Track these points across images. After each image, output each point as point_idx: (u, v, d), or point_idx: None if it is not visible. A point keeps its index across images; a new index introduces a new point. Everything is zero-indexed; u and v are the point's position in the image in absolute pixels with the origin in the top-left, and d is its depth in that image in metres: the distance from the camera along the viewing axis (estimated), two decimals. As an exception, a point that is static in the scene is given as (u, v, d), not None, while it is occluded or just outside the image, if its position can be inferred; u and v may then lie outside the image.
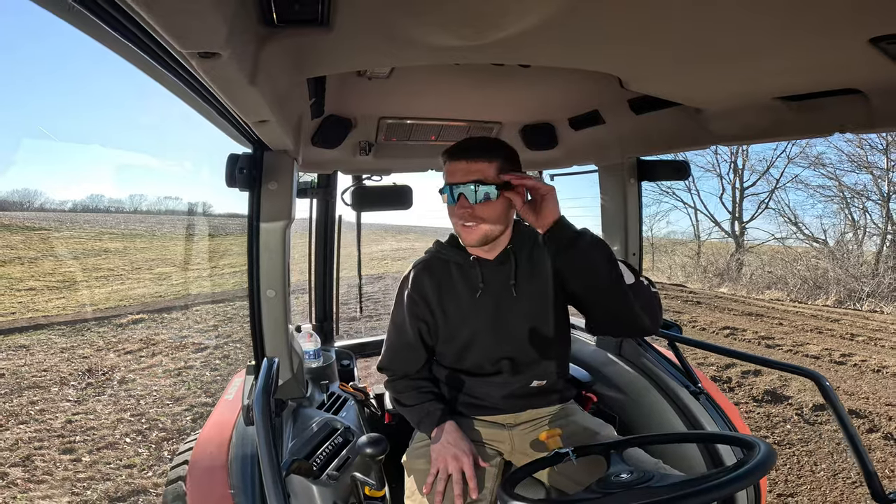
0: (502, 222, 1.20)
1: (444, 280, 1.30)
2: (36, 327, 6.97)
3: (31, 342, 6.27)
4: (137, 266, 13.22)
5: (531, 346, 1.28)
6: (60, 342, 6.28)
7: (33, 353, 5.82)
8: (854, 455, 1.15)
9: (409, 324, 1.31)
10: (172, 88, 0.70)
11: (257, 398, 0.94)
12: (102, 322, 7.23)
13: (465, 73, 1.23)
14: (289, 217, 1.20)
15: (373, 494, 1.21)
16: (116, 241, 17.55)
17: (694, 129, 1.32)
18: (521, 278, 1.27)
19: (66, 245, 15.82)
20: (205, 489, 1.21)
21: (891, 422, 3.60)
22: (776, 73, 0.89)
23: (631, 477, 0.85)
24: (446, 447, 1.17)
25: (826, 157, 14.02)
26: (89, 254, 14.68)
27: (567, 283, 1.18)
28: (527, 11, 0.66)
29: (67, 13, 0.47)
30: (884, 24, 0.63)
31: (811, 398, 3.92)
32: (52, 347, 6.05)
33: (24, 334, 6.64)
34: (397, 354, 1.35)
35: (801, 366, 1.32)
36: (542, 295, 1.27)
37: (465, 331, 1.28)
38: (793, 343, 6.21)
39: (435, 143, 1.78)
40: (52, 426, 3.71)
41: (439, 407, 1.26)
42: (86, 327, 7.00)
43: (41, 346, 6.08)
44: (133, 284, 10.82)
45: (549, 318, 1.27)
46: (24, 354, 5.73)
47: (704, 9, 0.65)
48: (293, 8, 0.62)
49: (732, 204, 16.24)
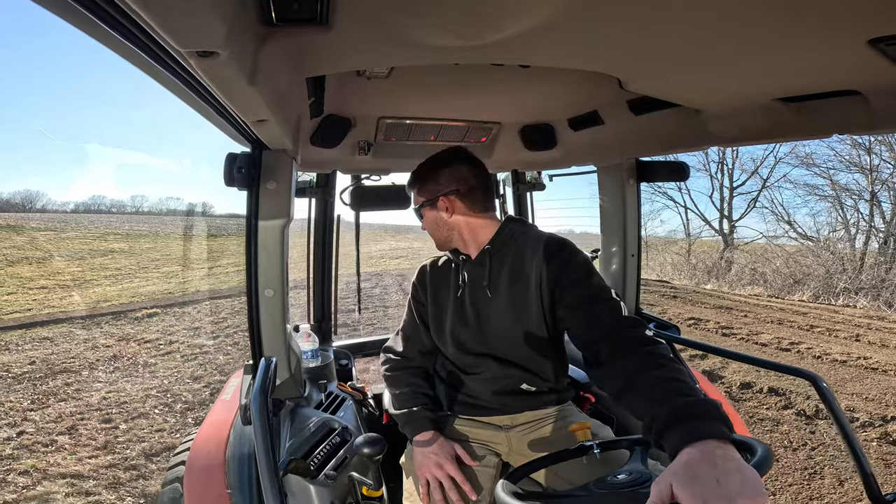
0: (437, 232, 1.35)
1: (440, 275, 1.40)
2: (55, 321, 7.32)
3: (53, 335, 6.59)
4: (144, 266, 13.65)
5: (513, 344, 1.27)
6: (82, 334, 6.67)
7: (58, 343, 6.18)
8: (851, 457, 1.15)
9: (413, 307, 1.44)
10: (171, 87, 0.69)
11: (255, 398, 0.94)
12: (119, 316, 7.70)
13: (465, 73, 1.23)
14: (287, 217, 1.19)
15: (370, 494, 1.21)
16: (121, 241, 18.00)
17: (693, 131, 1.32)
18: (498, 280, 1.27)
19: (73, 246, 16.18)
20: (202, 489, 1.21)
21: (808, 400, 3.98)
22: (775, 75, 0.89)
23: (629, 478, 0.85)
24: (427, 456, 1.21)
25: (816, 156, 14.27)
26: (95, 254, 15.03)
27: (558, 307, 1.21)
28: (526, 12, 0.66)
29: (66, 12, 0.46)
30: (883, 25, 0.63)
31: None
32: (74, 338, 6.43)
33: (45, 328, 6.96)
34: (403, 334, 1.46)
35: (798, 367, 1.32)
36: (523, 298, 1.24)
37: (448, 325, 1.35)
38: (748, 332, 6.57)
39: (434, 144, 1.78)
40: (90, 402, 4.23)
41: (425, 414, 1.29)
42: (103, 321, 7.41)
43: (64, 338, 6.42)
44: (142, 282, 11.20)
45: (531, 321, 1.24)
46: (49, 345, 6.09)
47: (704, 10, 0.64)
48: (292, 7, 0.62)
49: (721, 202, 16.63)
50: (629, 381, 0.97)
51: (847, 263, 12.00)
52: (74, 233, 18.87)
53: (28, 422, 3.83)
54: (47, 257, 13.84)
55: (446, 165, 1.30)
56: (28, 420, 3.86)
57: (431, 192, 1.31)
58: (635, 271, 1.87)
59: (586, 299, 1.15)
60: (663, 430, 0.81)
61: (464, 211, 1.29)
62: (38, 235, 16.90)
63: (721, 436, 0.74)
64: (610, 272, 1.91)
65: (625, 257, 1.85)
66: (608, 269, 1.91)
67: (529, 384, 1.30)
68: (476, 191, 1.29)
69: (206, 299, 9.13)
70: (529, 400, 1.32)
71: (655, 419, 0.84)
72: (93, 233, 19.23)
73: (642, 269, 1.93)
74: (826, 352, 5.63)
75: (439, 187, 1.29)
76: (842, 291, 10.55)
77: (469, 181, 1.28)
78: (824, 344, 6.03)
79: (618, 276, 1.88)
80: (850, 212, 13.71)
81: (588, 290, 1.17)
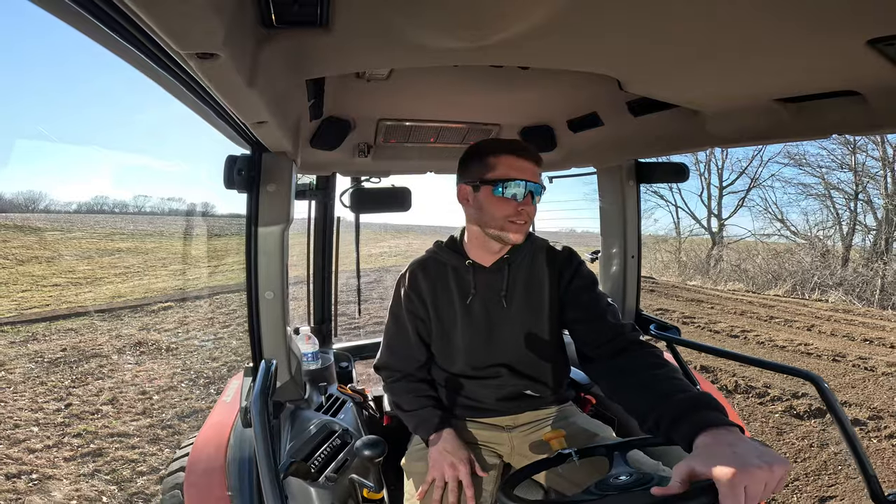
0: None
1: (439, 281, 1.30)
2: (76, 315, 7.77)
3: (77, 326, 7.09)
4: (152, 264, 14.19)
5: (525, 354, 1.28)
6: (104, 325, 7.18)
7: (83, 333, 6.68)
8: (853, 456, 1.15)
9: (407, 320, 1.31)
10: (171, 89, 0.69)
11: (255, 400, 0.94)
12: (136, 310, 8.24)
13: (464, 74, 1.23)
14: (287, 219, 1.19)
15: (371, 497, 1.21)
16: (127, 241, 18.73)
17: (692, 132, 1.32)
18: (515, 289, 1.27)
19: (81, 245, 16.71)
20: (202, 491, 1.21)
21: (733, 377, 4.47)
22: (774, 75, 0.89)
23: (630, 479, 0.85)
24: (444, 455, 1.16)
25: (807, 154, 15.05)
26: (103, 253, 15.58)
27: (567, 310, 1.26)
28: (526, 14, 0.66)
29: (66, 14, 0.46)
30: (882, 25, 0.63)
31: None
32: (98, 329, 6.94)
33: (67, 321, 7.39)
34: (395, 352, 1.35)
35: (799, 368, 1.32)
36: (537, 306, 1.27)
37: (457, 334, 1.28)
38: (707, 321, 7.18)
39: (434, 146, 1.78)
40: (124, 379, 4.86)
41: (437, 413, 1.26)
42: (122, 314, 7.96)
43: (88, 329, 6.93)
44: (152, 280, 11.70)
45: (543, 328, 1.27)
46: (75, 335, 6.57)
47: (702, 11, 0.65)
48: (292, 9, 0.62)
49: (708, 200, 17.57)
50: (630, 380, 1.03)
51: (830, 259, 12.90)
52: (81, 233, 19.45)
53: (73, 396, 4.40)
54: (56, 256, 14.34)
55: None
56: (72, 395, 4.42)
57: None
58: (635, 272, 1.87)
59: (593, 304, 1.22)
60: (672, 423, 0.86)
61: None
62: (45, 235, 17.42)
63: (727, 423, 0.81)
64: (610, 273, 1.90)
65: (625, 258, 1.85)
66: (608, 271, 1.91)
67: (534, 390, 1.30)
68: None
69: (216, 293, 9.71)
70: (532, 402, 1.32)
71: (663, 415, 0.89)
72: (99, 233, 19.86)
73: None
74: (771, 339, 6.21)
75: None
76: (816, 286, 11.55)
77: None
78: (774, 332, 6.60)
79: (618, 278, 1.88)
80: (838, 209, 14.46)
81: (595, 295, 1.25)
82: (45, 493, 2.78)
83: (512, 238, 1.19)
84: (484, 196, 1.18)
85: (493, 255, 1.27)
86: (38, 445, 3.40)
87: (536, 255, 1.30)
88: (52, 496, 2.75)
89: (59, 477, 2.96)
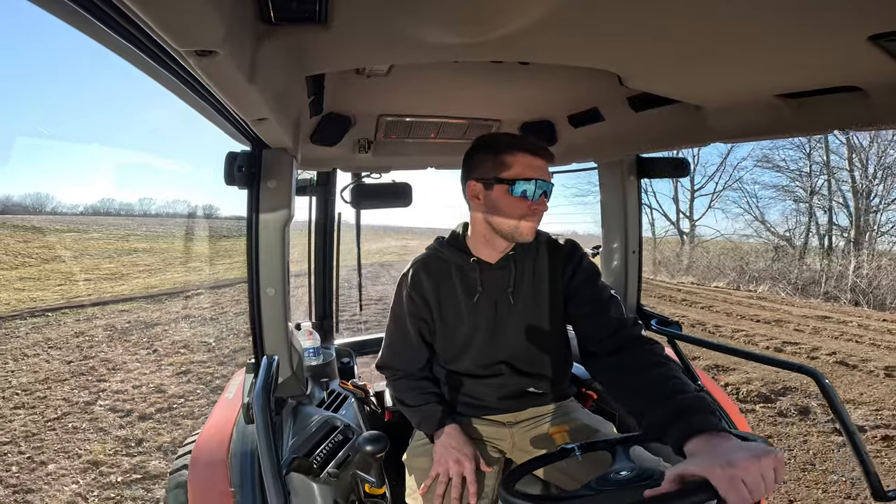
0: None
1: (442, 280, 1.28)
2: (124, 300, 9.29)
3: (129, 308, 8.61)
4: (169, 262, 15.72)
5: (529, 351, 1.28)
6: (151, 307, 8.73)
7: (135, 312, 8.20)
8: (853, 453, 1.15)
9: (409, 322, 1.30)
10: (170, 86, 0.69)
11: (257, 396, 0.94)
12: (172, 296, 9.84)
13: (465, 70, 1.22)
14: (288, 215, 1.19)
15: (373, 492, 1.21)
16: (142, 241, 20.26)
17: (693, 127, 1.31)
18: (521, 285, 1.26)
19: (99, 245, 18.04)
20: (205, 487, 1.22)
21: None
22: (775, 71, 0.89)
23: (631, 474, 0.85)
24: (449, 450, 1.16)
25: (777, 159, 16.49)
26: (122, 253, 17.00)
27: (570, 304, 1.26)
28: (525, 9, 0.66)
29: (65, 13, 0.46)
30: (884, 21, 0.63)
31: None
32: (146, 309, 8.48)
33: (119, 305, 8.84)
34: (397, 353, 1.35)
35: (800, 364, 1.32)
36: (542, 302, 1.26)
37: (462, 333, 1.27)
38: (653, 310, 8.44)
39: (434, 141, 1.78)
40: (186, 336, 6.60)
41: (440, 409, 1.26)
42: (163, 299, 9.52)
43: (139, 309, 8.45)
44: (174, 275, 13.24)
45: (547, 324, 1.27)
46: (128, 314, 8.04)
47: (703, 6, 0.64)
48: (291, 5, 0.62)
49: (676, 202, 19.54)
50: (628, 379, 1.05)
51: (781, 255, 15.01)
52: (98, 234, 21.04)
53: (155, 345, 6.11)
54: (78, 256, 15.77)
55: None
56: (154, 345, 6.12)
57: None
58: (636, 267, 1.87)
59: (596, 297, 1.22)
60: (663, 428, 0.90)
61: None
62: (64, 237, 19.00)
63: (718, 428, 0.84)
64: (611, 268, 1.90)
65: (626, 253, 1.85)
66: (609, 266, 1.91)
67: (536, 387, 1.31)
68: None
69: (237, 283, 11.40)
70: (534, 399, 1.32)
71: (654, 420, 0.92)
72: (114, 234, 21.54)
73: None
74: (684, 317, 7.80)
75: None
76: (751, 279, 13.52)
77: None
78: (688, 313, 8.28)
79: (619, 273, 1.88)
80: (799, 208, 16.29)
81: (598, 288, 1.24)
82: (162, 393, 4.47)
83: (526, 237, 1.18)
84: (498, 195, 1.15)
85: (498, 252, 1.26)
86: (146, 371, 5.13)
87: (540, 249, 1.29)
88: (172, 391, 4.51)
89: (169, 384, 4.68)
